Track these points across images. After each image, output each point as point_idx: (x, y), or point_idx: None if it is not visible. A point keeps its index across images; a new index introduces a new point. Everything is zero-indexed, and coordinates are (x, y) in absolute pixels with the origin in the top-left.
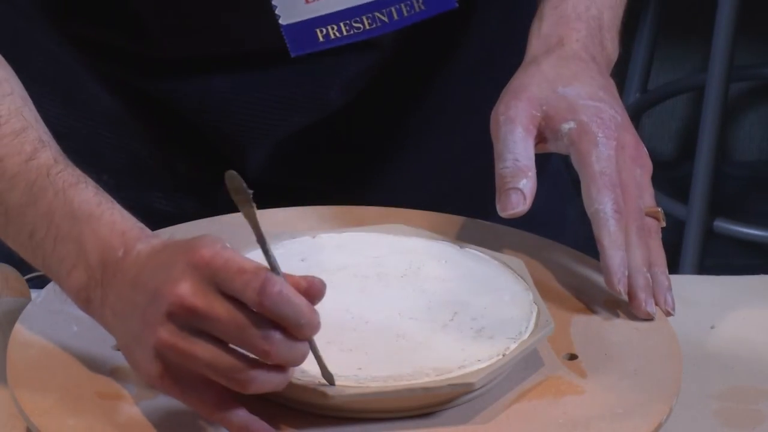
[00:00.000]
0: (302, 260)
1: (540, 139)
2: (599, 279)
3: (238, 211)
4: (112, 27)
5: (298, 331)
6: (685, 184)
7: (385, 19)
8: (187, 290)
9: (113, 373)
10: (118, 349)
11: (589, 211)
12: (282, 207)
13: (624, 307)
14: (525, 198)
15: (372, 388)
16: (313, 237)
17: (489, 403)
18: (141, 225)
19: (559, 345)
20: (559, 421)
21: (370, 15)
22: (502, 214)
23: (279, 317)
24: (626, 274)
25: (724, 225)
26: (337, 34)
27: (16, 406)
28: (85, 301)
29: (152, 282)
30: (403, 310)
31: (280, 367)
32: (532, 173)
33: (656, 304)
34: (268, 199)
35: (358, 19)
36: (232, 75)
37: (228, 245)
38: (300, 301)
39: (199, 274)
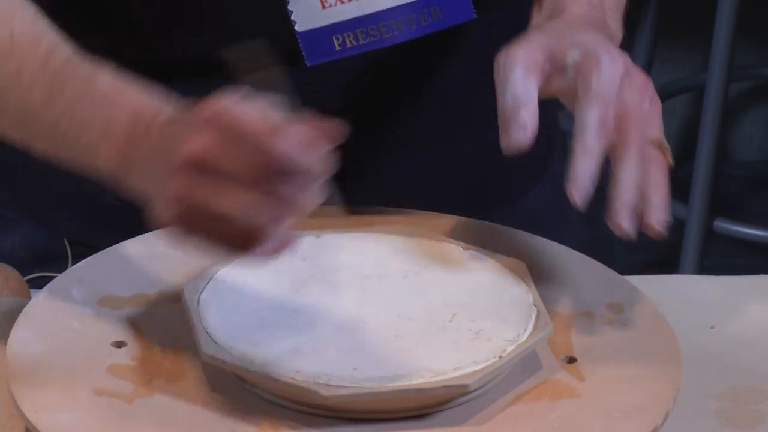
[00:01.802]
0: (304, 260)
1: (546, 82)
2: (601, 280)
3: None
4: (113, 31)
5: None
6: (685, 184)
7: (402, 27)
8: (198, 144)
9: (111, 370)
10: (118, 346)
11: (573, 129)
12: None
13: (626, 309)
14: (527, 128)
15: (366, 388)
16: (318, 237)
17: (485, 405)
18: (164, 99)
19: (559, 348)
20: (554, 424)
21: (387, 23)
22: (505, 151)
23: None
24: (589, 185)
25: (724, 225)
26: (354, 42)
27: (13, 404)
28: (116, 178)
29: (173, 132)
30: (402, 311)
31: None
32: (532, 105)
33: (646, 221)
34: None
35: (374, 27)
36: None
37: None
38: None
39: (209, 127)
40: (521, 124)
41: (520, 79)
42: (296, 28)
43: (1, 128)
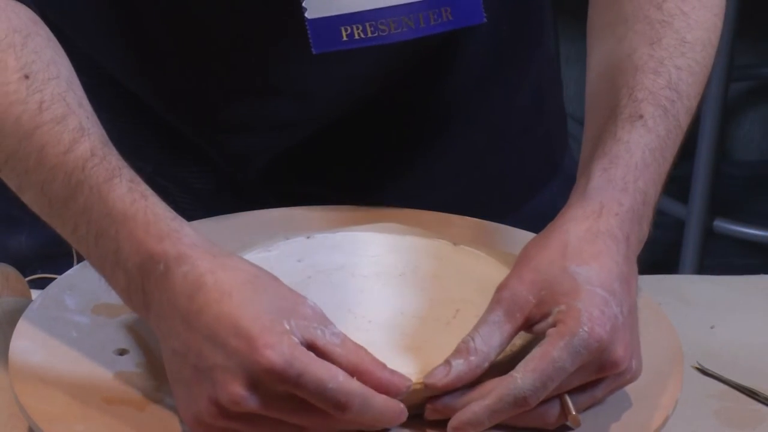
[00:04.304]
0: (299, 261)
1: (531, 322)
2: None
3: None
4: (119, 50)
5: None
6: (685, 184)
7: (412, 24)
8: (247, 395)
9: (117, 378)
10: (120, 354)
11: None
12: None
13: None
14: (448, 374)
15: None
16: (308, 237)
17: None
18: (176, 226)
19: None
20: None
21: (397, 19)
22: (423, 378)
23: (364, 423)
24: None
25: (724, 225)
26: (362, 35)
27: (23, 415)
28: (129, 301)
29: (206, 355)
30: (405, 309)
31: None
32: (475, 358)
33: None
34: (269, 204)
35: (384, 21)
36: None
37: (292, 334)
38: (379, 402)
39: (264, 380)
40: (449, 368)
41: (492, 325)
42: (306, 15)
43: (28, 203)
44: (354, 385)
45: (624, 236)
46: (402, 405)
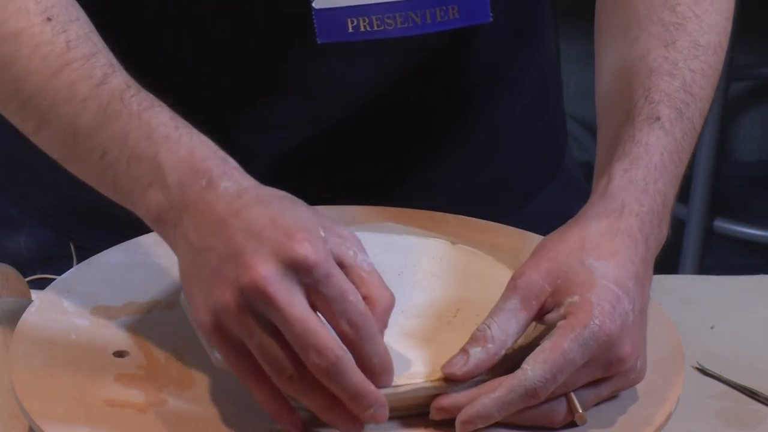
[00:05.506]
0: None
1: (544, 311)
2: None
3: None
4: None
5: (373, 376)
6: (685, 184)
7: (418, 20)
8: (272, 277)
9: (118, 380)
10: (120, 356)
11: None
12: None
13: None
14: (466, 363)
15: (386, 387)
16: None
17: None
18: (222, 154)
19: None
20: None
21: (404, 14)
22: (441, 369)
23: (360, 354)
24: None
25: (724, 225)
26: (368, 27)
27: (26, 418)
28: (157, 221)
29: (238, 241)
30: (405, 308)
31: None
32: (492, 346)
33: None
34: None
35: (390, 15)
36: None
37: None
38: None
39: (292, 269)
40: (468, 358)
41: (507, 312)
42: (313, 5)
43: (43, 143)
44: (371, 314)
45: (643, 238)
46: (392, 366)
